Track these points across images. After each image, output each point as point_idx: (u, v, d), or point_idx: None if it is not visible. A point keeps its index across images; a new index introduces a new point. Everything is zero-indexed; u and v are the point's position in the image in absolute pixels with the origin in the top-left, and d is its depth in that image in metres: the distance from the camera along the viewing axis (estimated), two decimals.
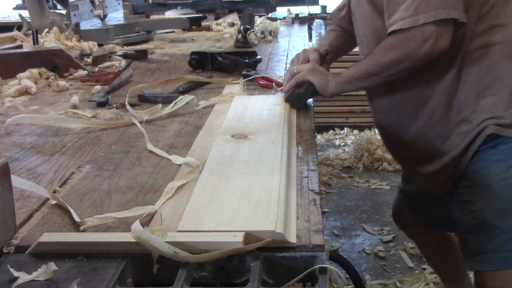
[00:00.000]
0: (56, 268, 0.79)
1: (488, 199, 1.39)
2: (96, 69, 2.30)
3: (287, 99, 1.61)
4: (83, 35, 2.88)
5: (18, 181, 1.06)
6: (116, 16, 3.42)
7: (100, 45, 2.80)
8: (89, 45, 2.71)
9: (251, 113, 1.52)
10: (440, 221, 1.74)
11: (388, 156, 3.80)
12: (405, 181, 1.88)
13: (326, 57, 1.68)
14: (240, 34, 2.83)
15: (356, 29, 1.62)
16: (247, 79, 1.92)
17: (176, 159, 1.24)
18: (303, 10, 4.33)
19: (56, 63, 2.19)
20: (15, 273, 0.80)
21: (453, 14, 1.29)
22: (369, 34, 1.52)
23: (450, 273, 2.04)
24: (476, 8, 1.37)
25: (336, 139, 4.49)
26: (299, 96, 1.58)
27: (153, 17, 4.34)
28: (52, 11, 3.20)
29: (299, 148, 1.30)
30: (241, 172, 1.10)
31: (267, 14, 4.81)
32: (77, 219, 0.95)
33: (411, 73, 1.42)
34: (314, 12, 4.50)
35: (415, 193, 1.80)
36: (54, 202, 1.04)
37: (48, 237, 0.88)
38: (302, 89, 1.57)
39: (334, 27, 1.81)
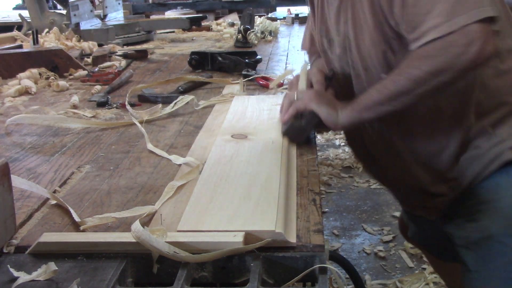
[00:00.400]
0: (56, 268, 0.79)
1: (495, 215, 1.26)
2: (96, 69, 2.30)
3: (286, 132, 1.31)
4: (83, 35, 2.88)
5: (18, 181, 1.06)
6: (116, 16, 3.42)
7: (100, 45, 2.80)
8: (89, 45, 2.71)
9: (251, 113, 1.52)
10: (438, 245, 1.69)
11: None
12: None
13: (333, 79, 1.35)
14: (240, 34, 2.83)
15: (337, 65, 1.37)
16: (247, 79, 1.92)
17: (176, 159, 1.24)
18: (303, 10, 4.32)
19: (56, 63, 2.19)
20: (15, 273, 0.80)
21: (495, 12, 1.08)
22: (371, 64, 1.26)
23: (457, 283, 2.02)
24: None
25: (336, 139, 4.49)
26: (299, 129, 1.29)
27: (153, 17, 4.35)
28: (52, 11, 3.21)
29: (299, 149, 1.30)
30: (241, 172, 1.10)
31: (267, 14, 4.81)
32: (77, 219, 0.95)
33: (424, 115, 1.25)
34: None
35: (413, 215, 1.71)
36: (54, 202, 1.04)
37: (48, 237, 0.88)
38: (304, 120, 1.27)
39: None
